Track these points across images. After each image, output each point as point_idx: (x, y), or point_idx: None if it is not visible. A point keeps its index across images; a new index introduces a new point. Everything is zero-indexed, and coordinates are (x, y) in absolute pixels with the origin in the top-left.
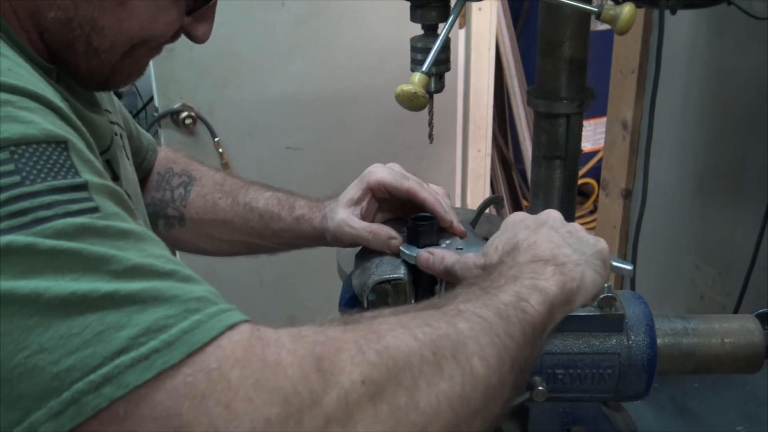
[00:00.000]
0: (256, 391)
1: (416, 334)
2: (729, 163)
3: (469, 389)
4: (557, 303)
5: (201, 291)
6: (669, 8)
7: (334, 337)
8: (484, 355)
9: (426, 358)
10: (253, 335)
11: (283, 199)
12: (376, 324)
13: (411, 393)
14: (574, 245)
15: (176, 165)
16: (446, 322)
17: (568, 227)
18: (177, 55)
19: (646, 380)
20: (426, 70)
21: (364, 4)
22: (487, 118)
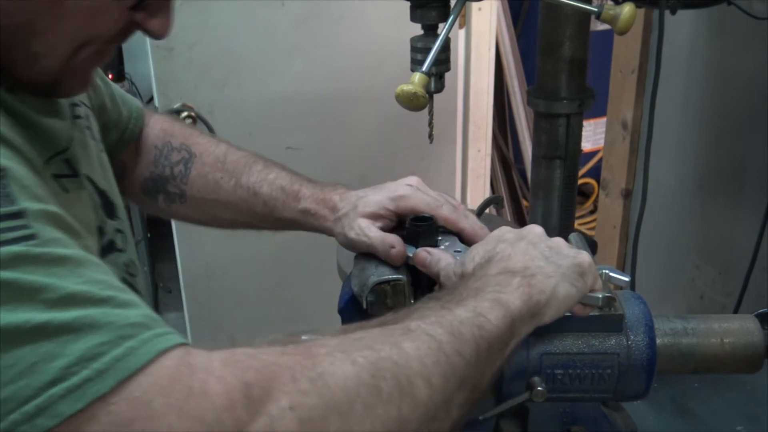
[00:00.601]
0: (179, 420)
1: (355, 357)
2: (729, 163)
3: (407, 411)
4: (520, 317)
5: (137, 316)
6: (669, 8)
7: (267, 363)
8: (428, 376)
9: (363, 381)
10: (183, 361)
11: (287, 187)
12: (315, 348)
13: (345, 418)
14: (550, 258)
15: (174, 138)
16: (391, 343)
17: (549, 242)
18: (177, 55)
19: (646, 380)
20: (426, 70)
21: (364, 4)
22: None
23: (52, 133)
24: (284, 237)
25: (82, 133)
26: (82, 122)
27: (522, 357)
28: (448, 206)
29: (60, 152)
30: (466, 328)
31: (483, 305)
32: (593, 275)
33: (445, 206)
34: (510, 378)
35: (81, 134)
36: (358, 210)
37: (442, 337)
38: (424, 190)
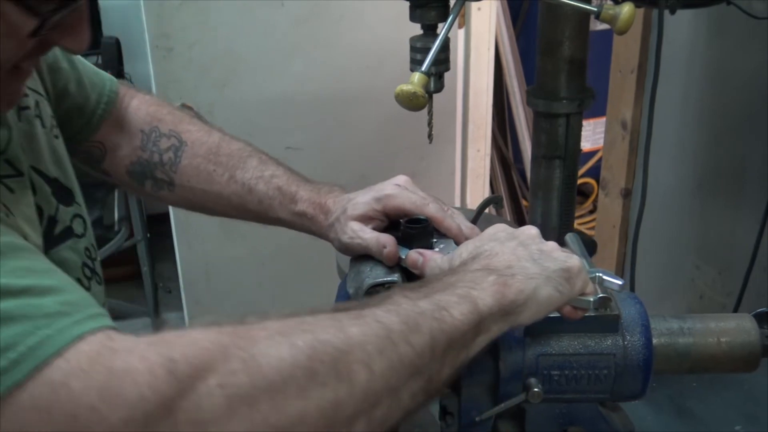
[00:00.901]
0: (100, 399)
1: (294, 340)
2: (729, 163)
3: (344, 395)
4: (490, 314)
5: (55, 305)
6: (668, 8)
7: (197, 341)
8: (369, 362)
9: (299, 363)
10: (104, 345)
11: (284, 188)
12: (255, 330)
13: (276, 398)
14: (538, 260)
15: (162, 124)
16: (337, 327)
17: (541, 244)
18: (177, 55)
19: (643, 380)
20: (425, 70)
21: (364, 4)
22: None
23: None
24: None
25: (29, 123)
26: (30, 113)
27: (518, 358)
28: (435, 205)
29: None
30: (423, 320)
31: (449, 299)
32: (583, 280)
33: (431, 204)
34: (507, 379)
35: (27, 125)
36: (347, 213)
37: (394, 326)
38: (411, 189)
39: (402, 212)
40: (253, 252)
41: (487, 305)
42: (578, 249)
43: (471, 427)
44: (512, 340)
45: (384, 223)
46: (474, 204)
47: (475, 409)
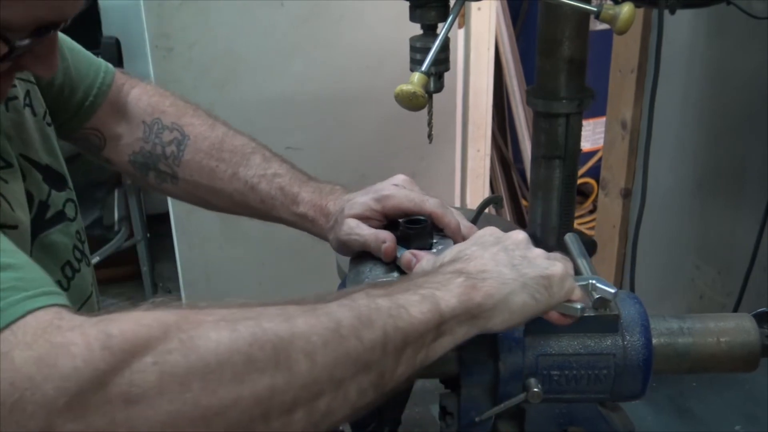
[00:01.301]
0: (38, 370)
1: (237, 327)
2: (729, 163)
3: (282, 383)
4: (453, 316)
5: (9, 280)
6: (668, 8)
7: (140, 320)
8: (312, 352)
9: (238, 349)
10: (52, 321)
11: (286, 188)
12: (202, 314)
13: (209, 380)
14: (518, 266)
15: (165, 116)
16: (284, 318)
17: (526, 251)
18: (176, 54)
19: (642, 380)
20: (425, 70)
21: (364, 4)
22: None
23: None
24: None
25: (18, 113)
26: (18, 102)
27: (518, 358)
28: (435, 200)
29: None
30: (378, 316)
31: (411, 298)
32: (566, 288)
33: (430, 200)
34: (506, 379)
35: (16, 115)
36: (344, 213)
37: (345, 320)
38: (410, 188)
39: (401, 211)
40: (253, 252)
41: (450, 306)
42: (578, 249)
43: (471, 427)
44: (512, 340)
45: (382, 223)
46: (474, 204)
47: (474, 409)
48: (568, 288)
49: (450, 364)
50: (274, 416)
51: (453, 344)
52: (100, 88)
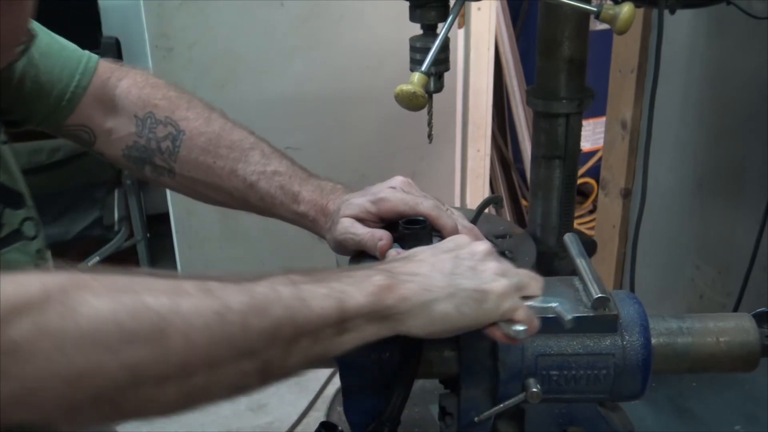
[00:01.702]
0: None
1: (120, 297)
2: (729, 163)
3: (152, 358)
4: (359, 314)
5: None
6: (668, 8)
7: (28, 282)
8: (189, 333)
9: (115, 319)
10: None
11: (286, 186)
12: (93, 280)
13: (80, 345)
14: (456, 275)
15: (157, 110)
16: (170, 294)
17: (478, 263)
18: (176, 54)
19: (642, 380)
20: (425, 70)
21: (364, 4)
22: (486, 118)
23: None
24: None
25: None
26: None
27: (517, 358)
28: (431, 202)
29: None
30: (274, 306)
31: (316, 291)
32: (505, 307)
33: (425, 202)
34: (505, 380)
35: None
36: (340, 213)
37: (236, 305)
38: (407, 190)
39: (396, 214)
40: (252, 252)
41: (357, 304)
42: (577, 249)
43: (470, 427)
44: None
45: (379, 225)
46: (474, 204)
47: (474, 409)
48: (507, 307)
49: (449, 365)
50: (144, 387)
51: (362, 341)
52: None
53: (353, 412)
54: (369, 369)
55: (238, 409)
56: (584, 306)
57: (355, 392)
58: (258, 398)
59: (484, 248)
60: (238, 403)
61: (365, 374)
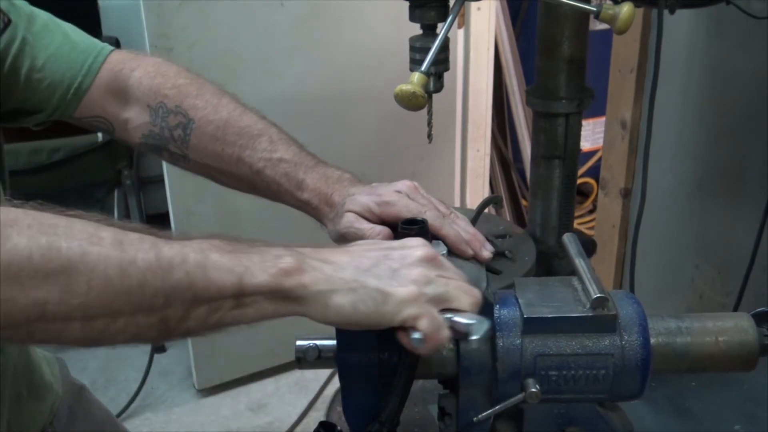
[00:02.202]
0: None
1: (38, 237)
2: (729, 163)
3: (57, 297)
4: (257, 291)
5: None
6: (668, 8)
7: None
8: (92, 281)
9: (28, 257)
10: None
11: (290, 174)
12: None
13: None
14: (368, 273)
15: (168, 100)
16: (87, 242)
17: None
18: (176, 54)
19: (641, 380)
20: (425, 70)
21: (364, 4)
22: (486, 118)
23: None
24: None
25: None
26: None
27: (516, 358)
28: (433, 212)
29: None
30: (175, 270)
31: (220, 262)
32: (405, 313)
33: (429, 212)
34: (504, 380)
35: None
36: (345, 207)
37: (141, 263)
38: (413, 195)
39: (399, 220)
40: None
41: (256, 282)
42: (575, 249)
43: (469, 427)
44: (510, 340)
45: None
46: (474, 204)
47: (473, 409)
48: (408, 314)
49: (448, 365)
50: (51, 322)
51: (261, 318)
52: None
53: (352, 412)
54: (368, 369)
55: (238, 409)
56: (583, 306)
57: (353, 392)
58: (258, 398)
59: (421, 254)
60: (238, 402)
61: (364, 374)
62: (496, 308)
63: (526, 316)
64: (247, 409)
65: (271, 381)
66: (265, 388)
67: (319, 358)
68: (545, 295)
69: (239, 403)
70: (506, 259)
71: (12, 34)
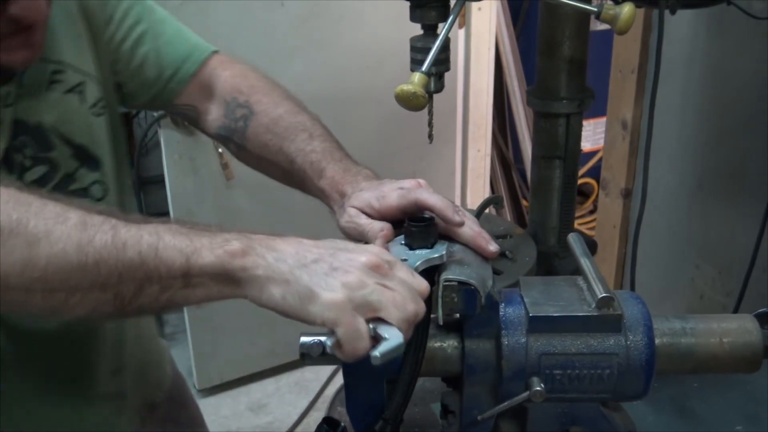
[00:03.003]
0: None
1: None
2: (729, 163)
3: (20, 267)
4: (203, 272)
5: None
6: (668, 8)
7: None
8: (51, 256)
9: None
10: None
11: (315, 163)
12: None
13: None
14: (307, 269)
15: (240, 95)
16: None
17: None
18: None
19: (645, 380)
20: (426, 70)
21: (364, 4)
22: (486, 118)
23: None
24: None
25: (62, 94)
26: (61, 86)
27: (521, 357)
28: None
29: None
30: (129, 250)
31: (174, 243)
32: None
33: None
34: (509, 378)
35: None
36: (349, 201)
37: (98, 242)
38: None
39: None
40: None
41: (203, 263)
42: (580, 249)
43: (472, 425)
44: (515, 338)
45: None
46: (474, 204)
47: (477, 407)
48: (329, 317)
49: (453, 363)
50: (15, 291)
51: (209, 298)
52: (181, 77)
53: (355, 409)
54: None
55: (238, 409)
56: (588, 305)
57: (357, 389)
58: (258, 398)
59: (365, 259)
60: (239, 402)
61: (368, 370)
62: (501, 306)
63: (531, 315)
64: (248, 409)
65: (272, 381)
66: (265, 388)
67: (324, 354)
68: (550, 294)
69: (239, 403)
70: (507, 259)
71: (137, 18)
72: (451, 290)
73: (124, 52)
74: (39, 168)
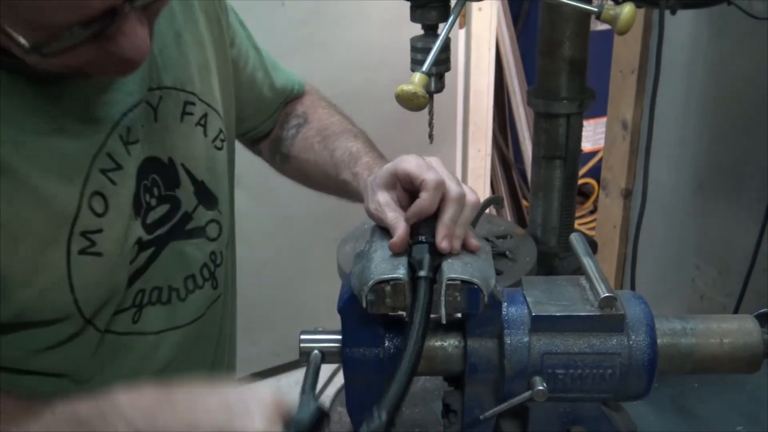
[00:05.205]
0: None
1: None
2: (729, 164)
3: None
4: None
5: None
6: (669, 8)
7: None
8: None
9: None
10: None
11: (354, 152)
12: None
13: None
14: None
15: (301, 107)
16: None
17: None
18: None
19: (647, 380)
20: (426, 70)
21: (364, 4)
22: (487, 118)
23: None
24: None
25: (190, 126)
26: (192, 118)
27: (523, 356)
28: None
29: None
30: None
31: None
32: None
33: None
34: (511, 377)
35: (187, 127)
36: (376, 181)
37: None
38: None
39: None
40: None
41: None
42: (583, 249)
43: (474, 425)
44: (518, 338)
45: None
46: None
47: (478, 407)
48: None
49: (455, 362)
50: None
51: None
52: (281, 105)
53: (355, 407)
54: (372, 364)
55: None
56: (590, 305)
57: (357, 387)
58: None
59: None
60: None
61: (368, 369)
62: (504, 306)
63: (534, 314)
64: None
65: (272, 381)
66: None
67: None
68: (553, 293)
69: None
70: (507, 259)
71: (247, 43)
72: (454, 289)
73: (244, 77)
74: (162, 207)
